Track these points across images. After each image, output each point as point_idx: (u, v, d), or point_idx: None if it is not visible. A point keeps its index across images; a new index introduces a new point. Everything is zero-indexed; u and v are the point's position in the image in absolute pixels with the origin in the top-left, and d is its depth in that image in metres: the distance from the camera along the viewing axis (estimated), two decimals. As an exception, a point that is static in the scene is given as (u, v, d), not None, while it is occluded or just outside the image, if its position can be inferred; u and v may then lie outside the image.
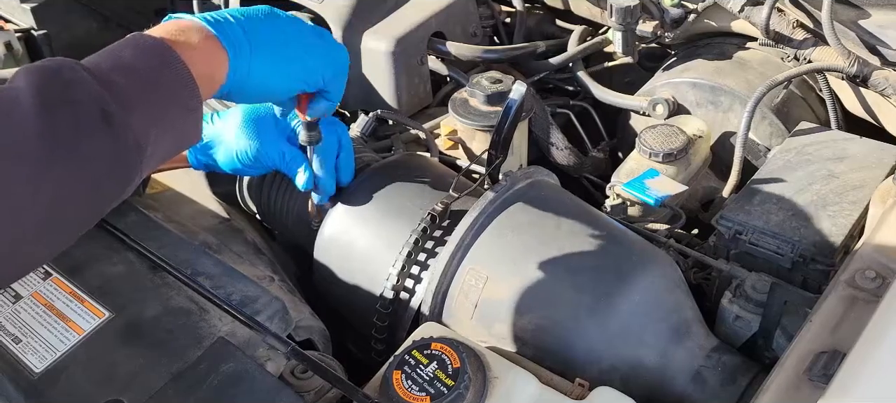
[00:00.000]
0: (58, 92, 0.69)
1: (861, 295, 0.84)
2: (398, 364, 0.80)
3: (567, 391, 0.83)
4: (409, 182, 1.08)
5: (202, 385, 0.80)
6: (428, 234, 1.00)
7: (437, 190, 1.06)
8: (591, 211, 1.05)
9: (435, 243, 1.00)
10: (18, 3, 1.78)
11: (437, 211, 1.00)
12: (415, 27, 1.41)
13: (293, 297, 1.00)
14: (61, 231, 0.72)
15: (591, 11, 1.60)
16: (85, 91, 0.71)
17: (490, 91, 1.28)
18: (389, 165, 1.13)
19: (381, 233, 1.04)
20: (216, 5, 1.78)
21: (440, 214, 1.00)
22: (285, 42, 0.90)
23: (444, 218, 1.00)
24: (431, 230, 1.00)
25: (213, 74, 0.84)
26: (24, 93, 0.68)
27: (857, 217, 1.04)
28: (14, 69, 1.55)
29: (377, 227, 1.04)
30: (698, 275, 1.09)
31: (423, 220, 1.00)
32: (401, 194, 1.06)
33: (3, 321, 0.89)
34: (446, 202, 1.01)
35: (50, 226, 0.69)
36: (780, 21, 1.32)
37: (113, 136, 0.71)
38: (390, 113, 1.37)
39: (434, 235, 1.00)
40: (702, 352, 0.93)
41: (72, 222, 0.72)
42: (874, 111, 1.34)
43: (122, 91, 0.73)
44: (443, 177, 1.10)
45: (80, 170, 0.69)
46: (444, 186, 1.06)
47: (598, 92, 1.49)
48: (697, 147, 1.31)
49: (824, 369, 0.75)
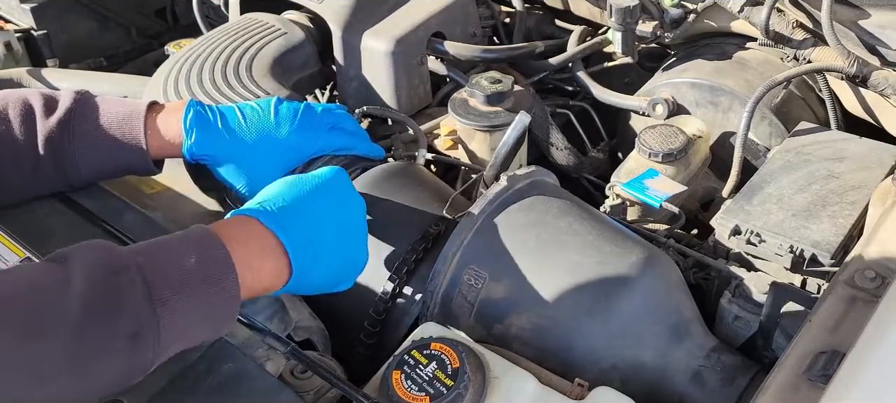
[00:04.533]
0: (105, 295, 0.70)
1: (861, 295, 0.84)
2: (398, 364, 0.80)
3: (566, 391, 0.83)
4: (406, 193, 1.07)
5: (201, 386, 0.80)
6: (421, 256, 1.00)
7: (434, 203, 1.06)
8: (590, 211, 1.05)
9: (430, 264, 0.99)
10: (18, 3, 1.78)
11: (432, 232, 1.01)
12: (414, 27, 1.41)
13: (292, 297, 1.00)
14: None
15: (591, 11, 1.60)
16: (131, 304, 0.71)
17: (489, 91, 1.28)
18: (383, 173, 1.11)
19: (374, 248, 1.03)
20: (216, 5, 1.78)
21: (435, 237, 1.01)
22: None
23: (440, 239, 1.00)
24: (425, 251, 1.00)
25: (268, 289, 0.85)
26: (75, 284, 0.70)
27: (857, 217, 1.04)
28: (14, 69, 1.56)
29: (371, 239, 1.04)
30: (698, 275, 1.09)
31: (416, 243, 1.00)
32: (396, 207, 1.06)
33: (3, 321, 0.89)
34: (440, 224, 1.02)
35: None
36: (779, 21, 1.32)
37: (133, 353, 0.72)
38: (378, 109, 1.37)
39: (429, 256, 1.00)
40: (701, 352, 0.93)
41: None
42: (874, 111, 1.34)
43: (167, 316, 0.73)
44: (439, 191, 1.10)
45: (89, 380, 0.70)
46: (440, 200, 1.06)
47: (598, 92, 1.49)
48: (697, 147, 1.31)
49: (824, 369, 0.75)
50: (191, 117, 1.05)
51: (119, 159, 1.05)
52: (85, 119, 1.04)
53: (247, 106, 1.10)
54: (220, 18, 1.77)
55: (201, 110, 1.07)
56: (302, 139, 1.09)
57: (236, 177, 1.07)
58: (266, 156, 1.07)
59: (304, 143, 1.09)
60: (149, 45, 1.99)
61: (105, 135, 1.04)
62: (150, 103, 1.07)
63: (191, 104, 1.07)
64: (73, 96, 1.05)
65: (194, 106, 1.07)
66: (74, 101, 1.04)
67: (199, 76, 1.31)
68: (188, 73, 1.32)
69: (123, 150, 1.04)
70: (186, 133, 1.05)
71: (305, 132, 1.09)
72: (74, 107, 1.04)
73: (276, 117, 1.08)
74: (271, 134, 1.07)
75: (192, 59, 1.35)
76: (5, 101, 1.02)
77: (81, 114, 1.04)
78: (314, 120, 1.11)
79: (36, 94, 1.04)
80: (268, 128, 1.07)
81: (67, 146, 1.02)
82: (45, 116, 1.02)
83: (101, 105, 1.06)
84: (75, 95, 1.05)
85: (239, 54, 1.37)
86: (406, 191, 1.08)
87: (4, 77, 1.52)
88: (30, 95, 1.03)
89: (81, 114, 1.04)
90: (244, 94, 1.26)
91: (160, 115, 1.07)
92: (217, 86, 1.29)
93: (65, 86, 1.49)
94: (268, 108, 1.09)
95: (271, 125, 1.08)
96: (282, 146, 1.08)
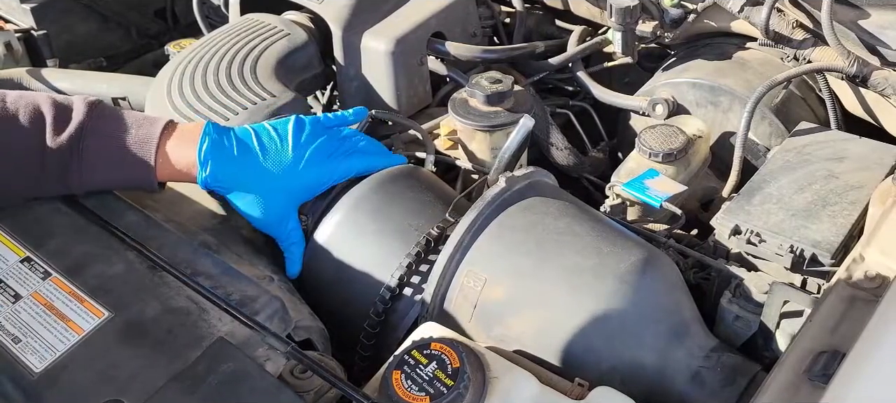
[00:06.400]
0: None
1: (861, 295, 0.84)
2: (398, 364, 0.80)
3: (567, 391, 0.83)
4: (408, 197, 1.07)
5: (202, 385, 0.80)
6: (422, 258, 1.00)
7: (436, 207, 1.06)
8: (590, 211, 1.05)
9: (430, 267, 0.99)
10: (18, 3, 1.78)
11: (433, 235, 1.01)
12: (414, 27, 1.41)
13: (292, 297, 1.00)
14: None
15: (591, 11, 1.60)
16: None
17: (489, 91, 1.28)
18: (388, 177, 1.10)
19: (375, 251, 1.03)
20: (216, 6, 1.78)
21: (436, 240, 1.01)
22: None
23: (440, 243, 1.00)
24: (426, 253, 1.00)
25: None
26: None
27: (857, 217, 1.04)
28: (14, 69, 1.56)
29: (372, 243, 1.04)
30: (698, 275, 1.09)
31: (419, 244, 1.00)
32: (398, 210, 1.06)
33: (3, 321, 0.89)
34: (442, 227, 1.02)
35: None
36: (779, 21, 1.32)
37: None
38: (387, 113, 1.37)
39: (429, 259, 1.00)
40: (701, 352, 0.93)
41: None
42: (874, 111, 1.34)
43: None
44: (442, 195, 1.10)
45: None
46: (442, 203, 1.06)
47: (598, 92, 1.49)
48: (697, 147, 1.31)
49: (824, 369, 0.75)
50: (206, 147, 1.02)
51: (126, 180, 1.04)
52: (96, 136, 1.01)
53: (264, 131, 1.06)
54: (221, 19, 1.77)
55: (217, 138, 1.03)
56: (321, 171, 1.06)
57: (251, 207, 1.04)
58: (283, 189, 1.04)
59: (323, 176, 1.07)
60: (149, 45, 1.99)
61: (114, 157, 1.01)
62: (165, 126, 1.04)
63: (206, 130, 1.03)
64: (85, 110, 1.01)
65: (211, 133, 1.03)
66: (86, 115, 1.01)
67: (204, 78, 1.30)
68: (192, 75, 1.31)
69: (131, 173, 1.02)
70: (201, 164, 1.02)
71: (324, 164, 1.06)
72: (86, 122, 1.01)
73: (295, 151, 1.05)
74: (289, 168, 1.04)
75: (196, 61, 1.35)
76: (16, 106, 1.00)
77: (93, 130, 1.01)
78: (333, 149, 1.08)
79: (48, 102, 1.01)
80: (286, 161, 1.04)
81: (74, 161, 1.00)
82: (55, 128, 0.99)
83: (114, 123, 1.02)
84: (87, 108, 1.02)
85: (242, 55, 1.36)
86: (410, 193, 1.08)
87: (4, 77, 1.51)
88: (42, 102, 1.01)
89: (93, 131, 1.01)
90: (250, 97, 1.26)
91: (174, 143, 1.03)
92: (222, 88, 1.28)
93: (65, 87, 1.49)
94: (285, 136, 1.05)
95: (289, 160, 1.04)
96: (300, 179, 1.05)
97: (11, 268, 0.94)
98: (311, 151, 1.06)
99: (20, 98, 1.01)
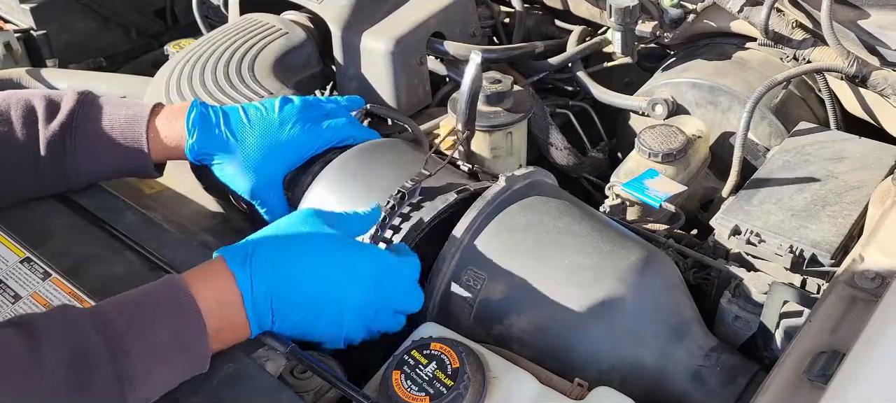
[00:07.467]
0: (76, 388, 0.71)
1: (860, 295, 0.84)
2: (397, 364, 0.80)
3: (566, 391, 0.83)
4: (389, 160, 1.09)
5: (202, 386, 0.80)
6: (396, 212, 1.00)
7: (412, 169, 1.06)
8: (589, 211, 1.05)
9: (402, 219, 1.00)
10: (18, 3, 1.78)
11: (406, 188, 1.00)
12: (414, 27, 1.41)
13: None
14: None
15: (591, 11, 1.60)
16: (100, 392, 0.72)
17: (489, 91, 1.28)
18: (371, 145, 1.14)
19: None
20: (215, 6, 1.78)
21: (410, 192, 1.00)
22: None
23: (413, 196, 1.01)
24: (400, 207, 1.00)
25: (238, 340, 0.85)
26: (46, 371, 0.70)
27: (857, 217, 1.04)
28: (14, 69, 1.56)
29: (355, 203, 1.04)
30: (697, 275, 1.09)
31: (393, 197, 1.00)
32: (382, 173, 1.07)
33: (3, 321, 0.89)
34: (416, 179, 1.02)
35: None
36: (779, 21, 1.32)
37: None
38: (382, 108, 1.37)
39: (403, 212, 1.00)
40: (701, 352, 0.93)
41: None
42: (873, 111, 1.34)
43: (135, 393, 0.75)
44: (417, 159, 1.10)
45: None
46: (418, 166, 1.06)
47: (598, 92, 1.49)
48: (697, 147, 1.31)
49: (824, 369, 0.75)
50: (194, 116, 1.06)
51: (120, 162, 1.06)
52: (87, 121, 1.04)
53: (251, 106, 1.10)
54: (220, 18, 1.77)
55: (204, 110, 1.07)
56: (303, 138, 1.09)
57: (238, 177, 1.07)
58: (268, 156, 1.07)
59: (305, 142, 1.09)
60: (149, 45, 1.99)
61: (107, 138, 1.04)
62: (154, 106, 1.07)
63: (194, 104, 1.07)
64: (75, 97, 1.05)
65: (198, 106, 1.07)
66: (76, 103, 1.04)
67: (202, 77, 1.31)
68: (191, 74, 1.32)
69: (125, 154, 1.04)
70: (189, 132, 1.05)
71: (308, 131, 1.09)
72: (77, 108, 1.04)
73: (279, 115, 1.08)
74: (273, 133, 1.07)
75: (195, 60, 1.36)
76: (7, 103, 1.02)
77: (84, 115, 1.04)
78: (315, 116, 1.11)
79: (38, 96, 1.04)
80: (270, 127, 1.08)
81: (69, 148, 1.02)
82: (46, 118, 1.02)
83: (104, 107, 1.06)
84: (78, 96, 1.05)
85: (241, 55, 1.37)
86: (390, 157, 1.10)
87: (4, 77, 1.51)
88: (32, 97, 1.04)
89: (84, 116, 1.04)
90: (248, 95, 1.26)
91: (163, 118, 1.07)
92: (220, 87, 1.29)
93: (64, 87, 1.49)
94: (271, 108, 1.09)
95: (274, 125, 1.08)
96: (283, 145, 1.08)
97: (11, 269, 0.94)
98: (294, 118, 1.09)
99: (12, 96, 1.04)
